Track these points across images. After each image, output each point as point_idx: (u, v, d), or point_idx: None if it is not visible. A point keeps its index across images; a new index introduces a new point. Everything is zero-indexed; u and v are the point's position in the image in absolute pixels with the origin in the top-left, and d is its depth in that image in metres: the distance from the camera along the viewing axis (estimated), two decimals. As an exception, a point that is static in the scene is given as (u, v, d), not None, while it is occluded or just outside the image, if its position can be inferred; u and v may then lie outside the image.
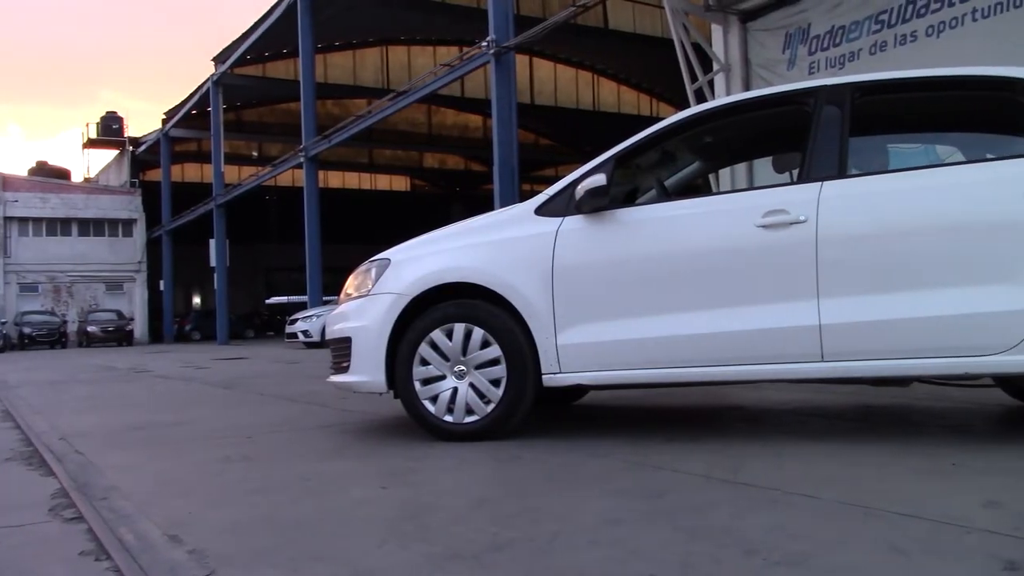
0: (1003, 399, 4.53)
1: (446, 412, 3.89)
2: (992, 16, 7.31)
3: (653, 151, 4.33)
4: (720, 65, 9.88)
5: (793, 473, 3.00)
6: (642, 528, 2.35)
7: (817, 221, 3.49)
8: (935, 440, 3.57)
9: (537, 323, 3.78)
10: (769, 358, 3.54)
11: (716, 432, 4.11)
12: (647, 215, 3.88)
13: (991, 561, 1.93)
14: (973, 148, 4.32)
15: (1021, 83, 3.59)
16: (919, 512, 2.36)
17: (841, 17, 8.62)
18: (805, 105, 3.81)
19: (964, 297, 3.30)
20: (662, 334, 3.64)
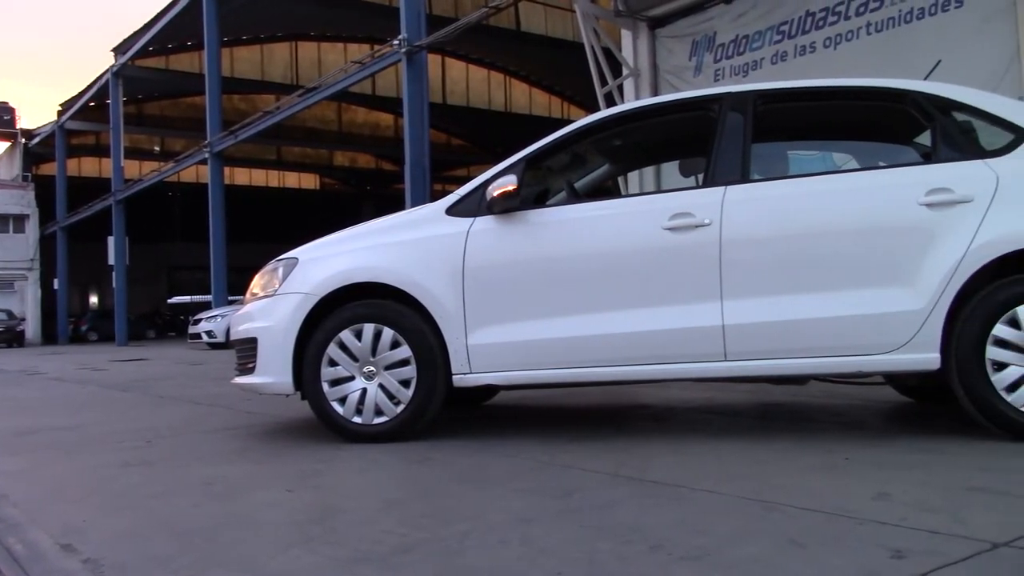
0: (893, 396, 4.75)
1: (355, 413, 3.85)
2: (885, 30, 7.66)
3: (564, 153, 4.39)
4: (629, 70, 10.06)
5: (697, 469, 3.07)
6: (551, 526, 2.37)
7: (721, 224, 3.58)
8: (830, 436, 3.71)
9: (447, 323, 3.78)
10: (675, 358, 3.62)
11: (623, 431, 4.18)
12: (557, 216, 3.92)
13: (880, 550, 2.02)
14: (867, 155, 4.51)
15: (911, 94, 3.77)
16: (815, 505, 2.45)
17: (745, 27, 8.89)
18: (710, 111, 3.91)
19: (858, 299, 3.45)
20: (571, 334, 3.68)
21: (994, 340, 3.29)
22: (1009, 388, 3.27)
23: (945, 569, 1.87)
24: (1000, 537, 2.06)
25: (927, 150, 3.87)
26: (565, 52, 27.53)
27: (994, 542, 2.03)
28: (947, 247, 3.38)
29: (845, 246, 3.53)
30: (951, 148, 3.61)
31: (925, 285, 3.38)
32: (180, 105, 36.07)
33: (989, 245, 3.34)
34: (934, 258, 3.39)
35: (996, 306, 3.30)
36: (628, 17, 9.90)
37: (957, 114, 3.71)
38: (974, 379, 3.30)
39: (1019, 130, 3.56)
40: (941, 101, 3.71)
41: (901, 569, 1.88)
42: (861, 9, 7.85)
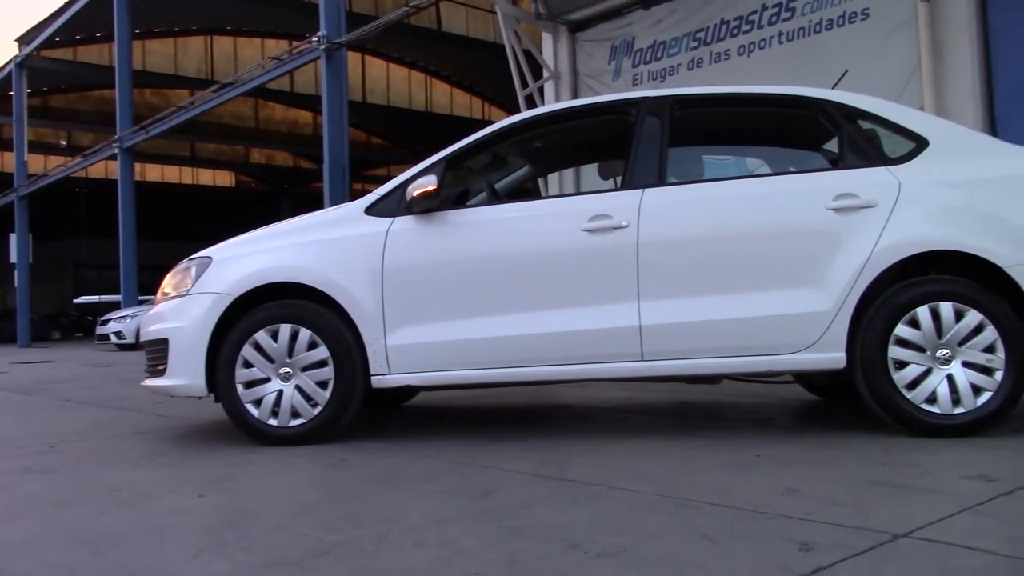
0: (802, 394, 4.91)
1: (270, 415, 3.77)
2: (796, 40, 7.91)
3: (484, 154, 4.39)
4: (550, 72, 10.13)
5: (615, 468, 3.12)
6: (469, 527, 2.37)
7: (638, 227, 3.64)
8: (742, 433, 3.81)
9: (366, 324, 3.74)
10: (594, 358, 3.67)
11: (543, 431, 4.21)
12: (477, 217, 3.92)
13: (788, 544, 2.08)
14: (779, 161, 4.65)
15: (819, 103, 3.90)
16: (727, 501, 2.52)
17: (662, 33, 9.05)
18: (628, 115, 3.97)
19: (769, 300, 3.55)
20: (491, 335, 3.69)
21: (896, 340, 3.43)
22: (909, 386, 3.41)
23: (849, 561, 1.94)
24: (900, 528, 2.15)
25: (835, 156, 4.01)
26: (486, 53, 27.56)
27: (895, 533, 2.12)
28: (853, 250, 3.51)
29: (757, 249, 3.63)
30: (857, 155, 3.75)
31: (832, 287, 3.50)
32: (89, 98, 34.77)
33: (892, 248, 3.48)
34: (841, 261, 3.51)
35: (898, 307, 3.44)
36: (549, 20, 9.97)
37: (863, 122, 3.85)
38: (877, 377, 3.43)
39: (920, 139, 3.71)
40: (848, 109, 3.85)
41: (808, 562, 1.94)
42: (773, 19, 8.08)
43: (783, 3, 8.02)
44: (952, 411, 3.38)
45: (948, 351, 3.40)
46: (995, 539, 2.05)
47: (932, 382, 3.40)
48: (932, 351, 3.42)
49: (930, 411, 3.39)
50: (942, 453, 3.13)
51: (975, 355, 3.38)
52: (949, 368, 3.40)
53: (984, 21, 6.74)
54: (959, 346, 3.40)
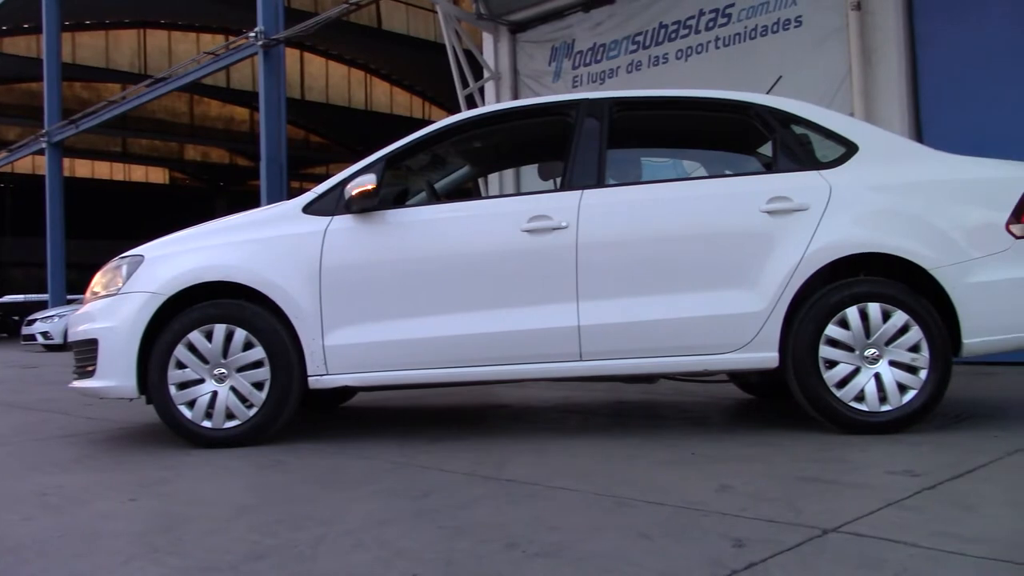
0: (736, 393, 5.00)
1: (204, 417, 3.70)
2: (732, 45, 8.05)
3: (424, 154, 4.37)
4: (490, 73, 10.14)
5: (553, 467, 3.13)
6: (408, 528, 2.36)
7: (577, 228, 3.67)
8: (678, 432, 3.86)
9: (303, 324, 3.70)
10: (533, 358, 3.68)
11: (482, 431, 4.21)
12: (416, 217, 3.91)
13: (722, 540, 2.12)
14: (715, 164, 4.74)
15: (754, 107, 3.99)
16: (663, 499, 2.55)
17: (602, 36, 9.13)
18: (568, 116, 4.00)
19: (704, 301, 3.61)
20: (430, 335, 3.68)
21: (826, 340, 3.52)
22: (839, 384, 3.51)
23: (780, 556, 1.98)
24: (830, 523, 2.21)
25: (769, 160, 4.09)
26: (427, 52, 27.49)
27: (824, 528, 2.17)
28: (786, 252, 3.59)
29: (693, 250, 3.69)
30: (790, 159, 3.84)
31: (765, 288, 3.58)
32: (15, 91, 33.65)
33: (823, 251, 3.57)
34: (774, 262, 3.59)
35: (828, 308, 3.53)
36: (489, 21, 9.97)
37: (796, 127, 3.94)
38: (808, 376, 3.52)
39: (850, 144, 3.82)
40: (782, 114, 3.93)
41: (741, 557, 1.98)
42: (710, 24, 8.21)
43: (720, 9, 8.15)
44: (879, 408, 3.48)
45: (876, 350, 3.51)
46: (918, 532, 2.12)
47: (860, 380, 3.50)
48: (860, 350, 3.52)
49: (858, 409, 3.49)
50: (869, 449, 3.22)
51: (901, 354, 3.49)
52: (876, 367, 3.50)
53: (911, 29, 6.95)
54: (886, 345, 3.50)
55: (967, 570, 1.85)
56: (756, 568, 1.90)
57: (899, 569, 1.87)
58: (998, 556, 1.92)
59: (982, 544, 2.01)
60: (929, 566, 1.89)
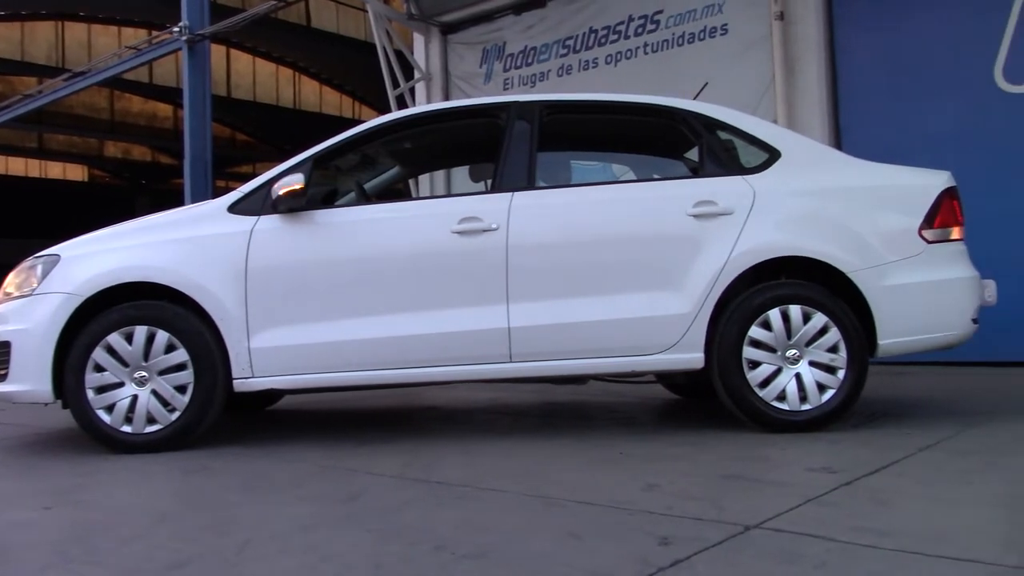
0: (663, 393, 5.08)
1: (124, 422, 3.60)
2: (660, 51, 8.17)
3: (354, 153, 4.34)
4: (421, 73, 10.09)
5: (483, 469, 3.14)
6: (335, 532, 2.34)
7: (508, 229, 3.68)
8: (607, 432, 3.91)
9: (228, 326, 3.62)
10: (463, 359, 3.68)
11: (411, 433, 4.19)
12: (345, 218, 3.87)
13: (649, 538, 2.15)
14: (643, 168, 4.81)
15: (681, 113, 4.06)
16: (592, 499, 2.58)
17: (533, 39, 9.18)
18: (498, 119, 4.01)
19: (633, 303, 3.66)
20: (359, 337, 3.65)
21: (750, 341, 3.61)
22: (761, 384, 3.60)
23: (705, 552, 2.02)
24: (752, 520, 2.26)
25: (695, 165, 4.17)
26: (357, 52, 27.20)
27: (746, 525, 2.22)
28: (711, 255, 3.67)
29: (622, 253, 3.74)
30: (715, 164, 3.92)
31: (692, 290, 3.64)
32: (-79, 83, 32.21)
33: (747, 254, 3.66)
34: (700, 265, 3.66)
35: (752, 310, 3.61)
36: (421, 22, 9.92)
37: (721, 133, 4.03)
38: (732, 376, 3.60)
39: (773, 150, 3.92)
40: (708, 120, 4.02)
41: (667, 555, 2.01)
42: (639, 30, 8.33)
43: (648, 16, 8.27)
44: (800, 408, 3.58)
45: (796, 351, 3.61)
46: (835, 527, 2.19)
47: (782, 380, 3.59)
48: (782, 351, 3.61)
49: (780, 408, 3.59)
50: (790, 448, 3.31)
51: (820, 355, 3.60)
52: (797, 367, 3.60)
53: (831, 40, 7.16)
54: (806, 346, 3.60)
55: (881, 563, 1.92)
56: (681, 565, 1.94)
57: (817, 563, 1.92)
58: (910, 549, 1.99)
59: (895, 537, 2.08)
60: (845, 560, 1.95)
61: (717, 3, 7.78)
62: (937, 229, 3.74)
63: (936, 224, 3.74)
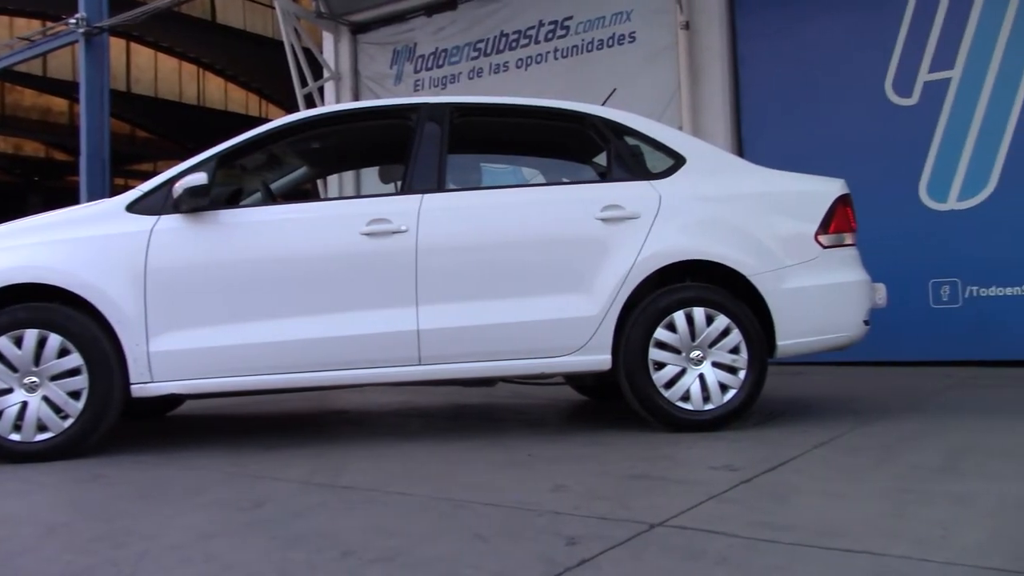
0: (572, 395, 5.14)
1: (12, 430, 3.43)
2: (570, 57, 8.28)
3: (260, 153, 4.25)
4: (331, 73, 9.96)
5: (391, 472, 3.11)
6: (238, 540, 2.28)
7: (417, 232, 3.67)
8: (516, 434, 3.93)
9: (126, 329, 3.50)
10: (371, 362, 3.65)
11: (318, 437, 4.13)
12: (250, 218, 3.78)
13: (556, 538, 2.17)
14: (553, 171, 4.85)
15: (589, 117, 4.12)
16: (500, 500, 2.59)
17: (444, 41, 9.16)
18: (408, 120, 3.99)
19: (542, 305, 3.69)
20: (265, 340, 3.57)
21: (655, 342, 3.68)
22: (666, 385, 3.68)
23: (611, 551, 2.05)
24: (656, 518, 2.31)
25: (603, 169, 4.24)
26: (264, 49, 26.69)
27: (651, 523, 2.27)
28: (618, 258, 3.73)
29: (532, 255, 3.77)
30: (623, 169, 3.99)
31: (600, 293, 3.70)
32: None
33: (653, 257, 3.73)
34: (608, 268, 3.72)
35: (658, 312, 3.69)
36: (330, 20, 9.78)
37: (629, 138, 4.10)
38: (638, 377, 3.67)
39: (678, 156, 4.01)
40: (615, 126, 4.09)
41: (574, 554, 2.03)
42: (549, 35, 8.41)
43: (559, 21, 8.37)
44: (703, 407, 3.68)
45: (700, 352, 3.70)
46: (736, 523, 2.25)
47: (686, 381, 3.68)
48: (686, 353, 3.70)
49: (684, 408, 3.67)
50: (694, 447, 3.39)
51: (723, 356, 3.70)
52: (701, 368, 3.70)
53: (734, 51, 7.39)
54: (709, 348, 3.70)
55: (779, 557, 1.98)
56: (588, 564, 1.96)
57: (719, 559, 1.98)
58: (806, 542, 2.07)
59: (792, 532, 2.16)
60: (746, 554, 2.01)
61: (625, 11, 7.92)
62: (832, 234, 3.89)
63: (831, 230, 3.89)
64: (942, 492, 2.54)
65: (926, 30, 6.46)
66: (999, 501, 2.41)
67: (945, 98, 6.38)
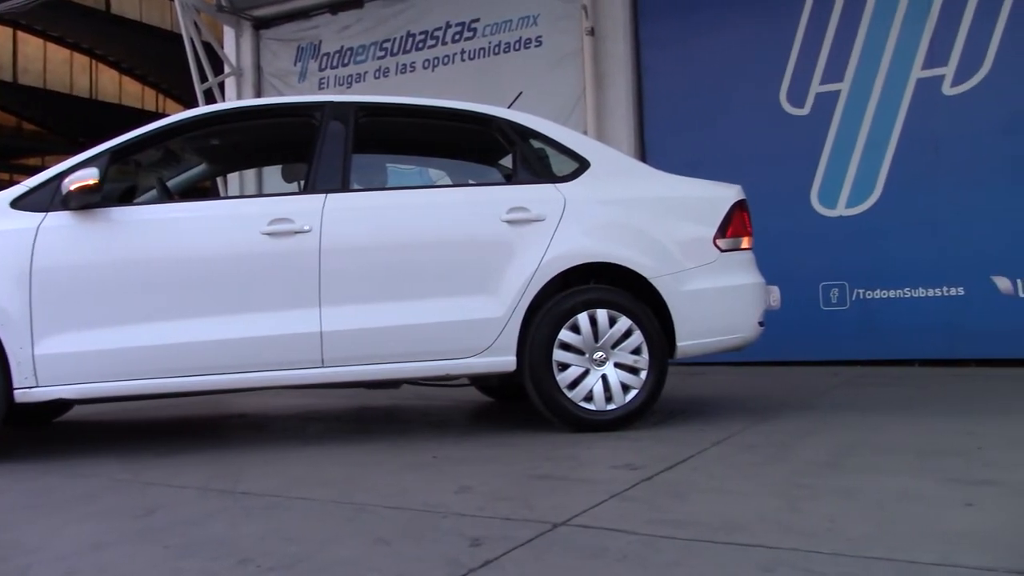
0: (477, 396, 5.15)
1: None
2: (477, 59, 8.29)
3: (156, 149, 4.11)
4: (232, 68, 9.71)
5: (292, 477, 3.05)
6: (129, 549, 2.20)
7: (321, 232, 3.61)
8: (420, 436, 3.91)
9: (9, 331, 3.33)
10: (273, 365, 3.57)
11: (216, 442, 4.02)
12: (145, 216, 3.65)
13: (460, 540, 2.17)
14: (459, 173, 4.86)
15: (495, 120, 4.13)
16: (404, 503, 2.57)
17: (350, 40, 9.05)
18: (312, 118, 3.93)
19: (447, 307, 3.68)
20: (160, 342, 3.46)
21: (559, 344, 3.72)
22: (570, 385, 3.72)
23: (515, 551, 2.06)
24: (559, 518, 2.33)
25: (509, 172, 4.26)
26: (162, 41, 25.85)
27: (554, 522, 2.29)
28: (524, 260, 3.75)
29: (437, 257, 3.76)
30: (528, 171, 4.02)
31: (505, 295, 3.72)
32: None
33: (557, 260, 3.77)
34: (513, 270, 3.74)
35: (562, 314, 3.73)
36: (231, 15, 9.54)
37: (534, 142, 4.14)
38: (543, 378, 3.70)
39: (583, 160, 4.07)
40: (521, 129, 4.11)
41: (478, 556, 2.04)
42: (457, 37, 8.41)
43: (466, 23, 8.37)
44: (606, 408, 3.73)
45: (603, 353, 3.76)
46: (637, 520, 2.30)
47: (589, 382, 3.73)
48: (590, 354, 3.75)
49: (587, 408, 3.72)
50: (596, 446, 3.44)
51: (625, 357, 3.76)
52: (604, 369, 3.75)
53: (638, 59, 7.54)
54: (612, 349, 3.76)
55: (677, 553, 2.03)
56: (491, 565, 1.97)
57: (619, 556, 2.01)
58: (703, 538, 2.12)
59: (690, 528, 2.21)
60: (646, 551, 2.05)
61: (532, 15, 7.99)
62: (729, 239, 4.01)
63: (728, 234, 4.01)
64: (831, 487, 2.65)
65: (818, 44, 6.74)
66: (882, 494, 2.53)
67: (835, 109, 6.67)
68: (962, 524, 2.19)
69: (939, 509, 2.36)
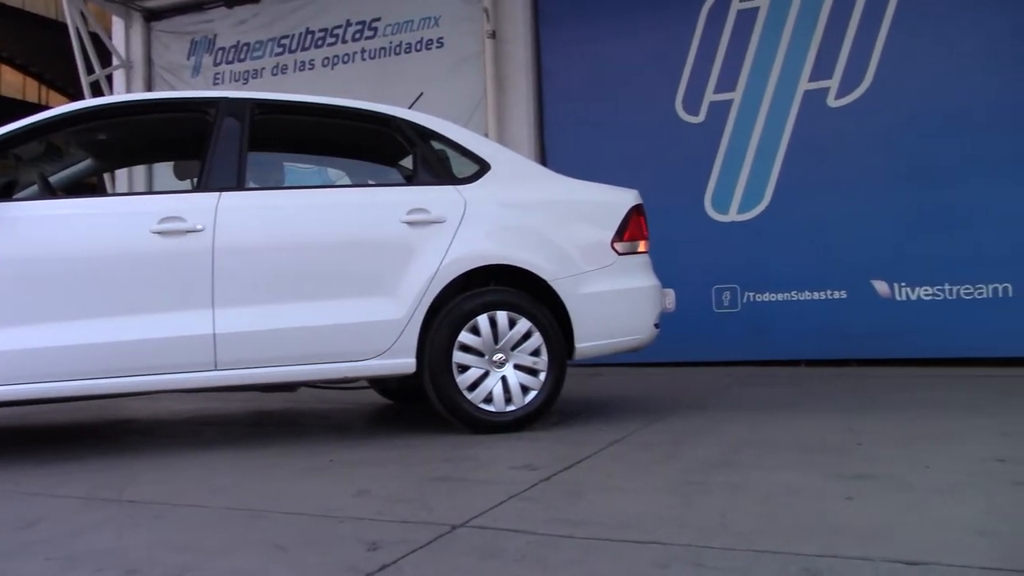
0: (376, 399, 5.11)
1: None
2: (378, 59, 8.23)
3: (38, 142, 3.92)
4: (121, 61, 9.35)
5: (184, 484, 2.96)
6: (9, 564, 2.09)
7: (215, 231, 3.52)
8: (318, 440, 3.85)
9: None
10: (163, 368, 3.46)
11: (103, 449, 3.85)
12: (24, 212, 3.48)
13: (358, 544, 2.15)
14: (359, 173, 4.81)
15: (397, 121, 4.11)
16: (300, 508, 2.53)
17: (246, 35, 8.84)
18: (206, 114, 3.82)
19: (345, 308, 3.64)
20: (44, 345, 3.30)
21: (459, 346, 3.73)
22: (470, 387, 3.73)
23: (413, 554, 2.06)
24: (458, 519, 2.34)
25: (409, 173, 4.24)
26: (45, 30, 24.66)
27: (453, 524, 2.29)
28: (423, 262, 3.75)
29: (335, 258, 3.71)
30: (429, 173, 4.01)
31: (404, 296, 3.70)
32: None
33: (457, 262, 3.78)
34: (412, 272, 3.73)
35: (462, 316, 3.74)
36: (120, 5, 9.19)
37: (435, 143, 4.13)
38: (443, 380, 3.70)
39: (483, 162, 4.08)
40: (422, 130, 4.10)
41: (375, 560, 2.02)
42: (357, 36, 8.32)
43: (367, 22, 8.29)
44: (505, 409, 3.76)
45: (503, 355, 3.78)
46: (535, 520, 2.32)
47: (489, 383, 3.75)
48: (490, 355, 3.78)
49: (487, 410, 3.74)
50: (496, 447, 3.46)
51: (524, 358, 3.80)
52: (503, 371, 3.78)
53: (539, 62, 7.63)
54: (512, 350, 3.80)
55: (575, 551, 2.06)
56: (389, 569, 1.96)
57: (517, 556, 2.03)
58: (600, 536, 2.16)
59: (587, 527, 2.25)
60: (544, 550, 2.07)
61: (433, 16, 7.98)
62: (627, 242, 4.10)
63: (626, 237, 4.10)
64: (722, 483, 2.74)
65: (712, 53, 6.96)
66: (769, 489, 2.63)
67: (728, 118, 6.90)
68: (843, 517, 2.30)
69: (822, 502, 2.47)
